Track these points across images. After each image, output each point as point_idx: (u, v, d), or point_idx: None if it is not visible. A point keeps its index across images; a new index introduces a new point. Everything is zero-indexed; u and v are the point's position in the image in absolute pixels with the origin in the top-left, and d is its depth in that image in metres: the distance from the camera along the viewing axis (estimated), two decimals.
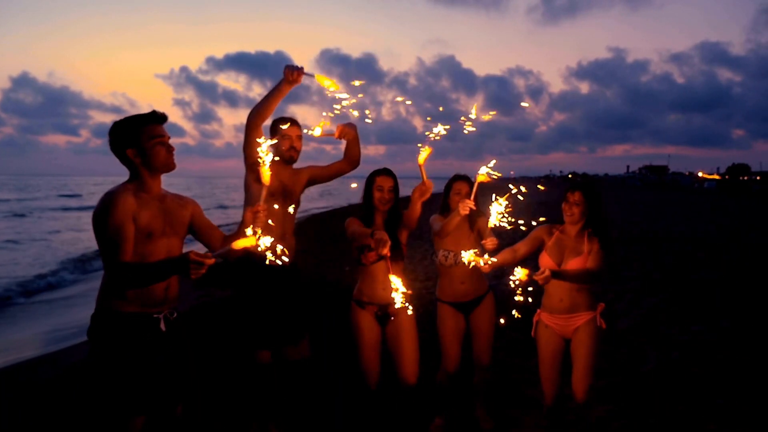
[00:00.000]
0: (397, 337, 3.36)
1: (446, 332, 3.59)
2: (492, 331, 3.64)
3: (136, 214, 2.36)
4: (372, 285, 3.34)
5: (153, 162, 2.41)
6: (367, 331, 3.35)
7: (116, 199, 2.33)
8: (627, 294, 7.71)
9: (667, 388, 4.37)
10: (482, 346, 3.64)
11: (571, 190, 3.20)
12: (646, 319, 6.43)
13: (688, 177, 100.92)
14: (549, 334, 3.22)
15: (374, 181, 3.35)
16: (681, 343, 5.49)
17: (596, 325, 3.16)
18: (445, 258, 3.54)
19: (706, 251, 11.55)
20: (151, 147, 2.40)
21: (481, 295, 3.62)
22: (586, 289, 3.18)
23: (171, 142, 2.47)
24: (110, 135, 2.43)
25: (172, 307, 2.53)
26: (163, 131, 2.45)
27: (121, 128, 2.42)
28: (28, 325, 7.92)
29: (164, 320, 2.46)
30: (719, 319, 6.33)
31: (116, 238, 2.30)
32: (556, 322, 3.21)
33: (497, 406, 4.03)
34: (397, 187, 3.37)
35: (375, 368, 3.39)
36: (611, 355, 5.17)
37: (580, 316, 3.16)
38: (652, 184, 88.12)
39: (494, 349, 3.83)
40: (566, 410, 3.52)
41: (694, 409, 3.97)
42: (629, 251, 11.77)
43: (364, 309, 3.37)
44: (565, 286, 3.13)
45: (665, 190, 63.69)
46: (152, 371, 2.40)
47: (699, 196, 43.63)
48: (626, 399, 4.19)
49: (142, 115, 2.44)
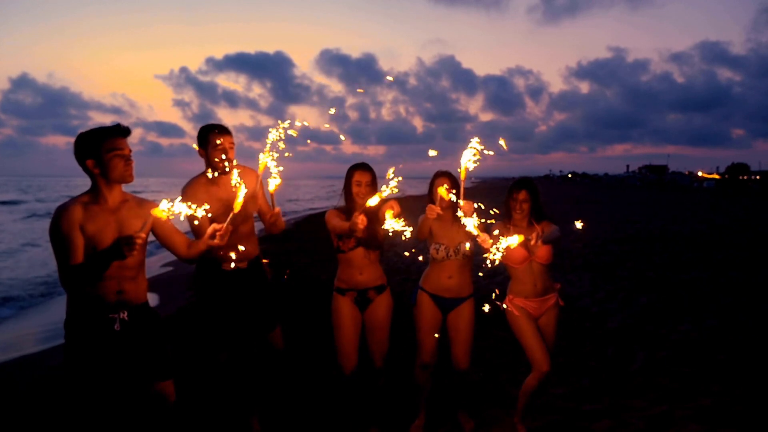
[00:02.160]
0: (371, 320, 3.55)
1: (423, 321, 3.60)
2: (470, 334, 3.63)
3: (83, 224, 2.54)
4: (350, 271, 3.51)
5: (110, 174, 2.57)
6: (346, 316, 3.51)
7: (64, 212, 2.54)
8: (619, 293, 7.72)
9: (653, 388, 4.37)
10: (460, 350, 3.62)
11: (516, 189, 3.50)
12: (637, 318, 6.44)
13: (688, 176, 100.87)
14: (526, 314, 3.51)
15: (353, 176, 3.47)
16: (669, 342, 5.50)
17: (558, 305, 3.60)
18: (436, 251, 3.55)
19: (700, 250, 11.56)
20: (109, 159, 2.55)
21: (464, 297, 3.62)
22: (550, 272, 3.56)
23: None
24: (74, 145, 2.58)
25: (129, 309, 2.67)
26: (123, 144, 2.58)
27: (84, 139, 2.57)
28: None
29: (119, 321, 2.64)
30: (707, 318, 6.34)
31: (66, 245, 2.51)
32: (531, 305, 3.52)
33: (480, 406, 4.04)
34: (375, 182, 3.46)
35: (352, 353, 3.52)
36: (599, 354, 5.18)
37: (550, 298, 3.56)
38: (652, 183, 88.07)
39: (481, 350, 3.84)
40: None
41: (679, 409, 3.97)
42: (624, 250, 11.77)
43: (344, 295, 3.54)
44: (537, 270, 3.49)
45: (664, 189, 63.70)
46: (111, 364, 2.61)
47: (698, 196, 43.63)
48: (612, 398, 4.20)
49: (105, 127, 2.58)
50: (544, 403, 4.11)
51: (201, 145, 3.33)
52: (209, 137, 3.28)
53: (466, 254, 3.54)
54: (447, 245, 3.53)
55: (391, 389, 4.12)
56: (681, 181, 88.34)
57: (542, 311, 3.55)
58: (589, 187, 75.91)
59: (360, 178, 3.45)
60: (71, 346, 2.61)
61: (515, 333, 3.54)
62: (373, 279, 3.54)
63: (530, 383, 3.53)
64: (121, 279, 2.61)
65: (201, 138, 3.33)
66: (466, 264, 3.61)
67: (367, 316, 3.57)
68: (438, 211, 3.21)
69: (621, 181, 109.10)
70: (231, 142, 3.33)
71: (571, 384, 4.51)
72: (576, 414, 3.98)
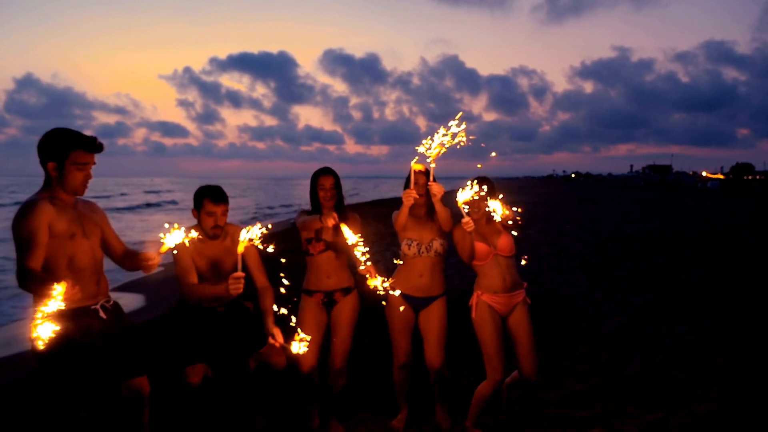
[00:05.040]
0: (336, 320, 3.63)
1: (394, 322, 3.61)
2: (443, 332, 3.61)
3: (54, 220, 2.52)
4: (318, 274, 3.60)
5: (66, 183, 2.57)
6: (311, 316, 3.59)
7: (35, 207, 2.49)
8: (616, 293, 7.54)
9: (648, 393, 4.19)
10: (432, 348, 3.59)
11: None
12: (633, 319, 6.25)
13: (692, 176, 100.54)
14: (492, 313, 3.40)
15: (317, 181, 3.58)
16: (666, 345, 5.32)
17: (526, 302, 3.49)
18: (408, 246, 3.55)
19: (699, 250, 11.35)
20: (70, 171, 2.55)
21: (435, 295, 3.60)
22: (516, 267, 3.50)
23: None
24: (43, 139, 2.56)
25: (108, 298, 2.78)
26: (89, 159, 2.59)
27: (53, 140, 2.55)
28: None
29: (102, 309, 2.71)
30: (706, 319, 6.15)
31: (29, 243, 2.46)
32: (499, 301, 3.41)
33: (458, 405, 3.90)
34: (338, 185, 3.58)
35: (313, 351, 3.52)
36: (593, 358, 5.01)
37: (518, 294, 3.46)
38: (655, 183, 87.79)
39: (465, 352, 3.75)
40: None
41: (675, 416, 3.79)
42: (622, 250, 11.59)
43: (311, 297, 3.63)
44: (505, 265, 3.42)
45: (667, 189, 63.45)
46: (97, 356, 2.61)
47: (701, 196, 43.39)
48: (605, 404, 4.03)
49: (79, 136, 2.56)
50: (533, 409, 3.95)
51: (196, 206, 3.36)
52: (204, 202, 3.32)
53: (438, 252, 3.54)
54: (419, 241, 3.53)
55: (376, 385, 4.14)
56: (685, 181, 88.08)
57: (510, 308, 3.44)
58: (592, 187, 75.74)
59: (324, 182, 3.55)
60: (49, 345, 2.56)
61: (477, 334, 3.43)
62: (341, 282, 3.62)
63: (484, 391, 3.44)
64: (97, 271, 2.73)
65: (196, 200, 3.35)
66: (438, 262, 3.58)
67: (333, 316, 3.65)
68: (414, 195, 3.29)
69: (624, 181, 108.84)
70: (225, 211, 3.35)
71: (563, 389, 4.34)
72: (567, 421, 3.80)
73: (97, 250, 2.71)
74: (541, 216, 21.03)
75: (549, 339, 5.45)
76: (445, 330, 3.62)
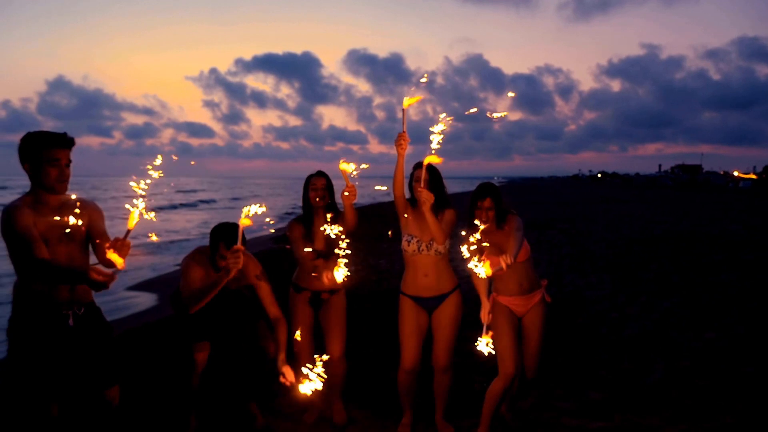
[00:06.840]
0: (326, 317, 3.74)
1: (404, 326, 3.50)
2: (453, 331, 3.49)
3: (35, 222, 2.53)
4: (309, 276, 3.70)
5: (42, 181, 2.57)
6: (299, 311, 3.74)
7: (15, 211, 2.52)
8: (641, 296, 7.25)
9: (671, 404, 3.95)
10: (440, 347, 3.48)
11: (480, 198, 3.36)
12: (658, 324, 5.98)
13: (723, 176, 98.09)
14: (508, 313, 3.41)
15: (309, 182, 3.71)
16: (692, 351, 5.05)
17: (545, 301, 3.47)
18: (408, 243, 3.43)
19: (729, 252, 10.93)
20: (44, 168, 2.55)
21: (446, 292, 3.46)
22: (533, 268, 3.47)
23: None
24: (19, 144, 2.59)
25: (81, 305, 2.71)
26: (61, 155, 2.57)
27: (27, 142, 2.57)
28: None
29: (72, 316, 2.67)
30: (734, 324, 5.85)
31: (26, 239, 2.47)
32: (516, 303, 3.41)
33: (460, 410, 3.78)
34: (329, 186, 3.70)
35: (305, 346, 3.70)
36: (614, 364, 4.78)
37: (536, 294, 3.44)
38: (684, 183, 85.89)
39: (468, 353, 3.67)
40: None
41: (699, 429, 3.56)
42: (648, 251, 11.24)
43: (299, 293, 3.76)
44: (520, 269, 3.36)
45: (697, 189, 61.99)
46: (63, 361, 2.62)
47: (732, 196, 42.27)
48: (624, 415, 3.80)
49: (49, 134, 2.57)
50: (548, 418, 3.76)
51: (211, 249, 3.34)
52: (217, 246, 3.27)
53: (438, 251, 3.39)
54: (419, 238, 3.41)
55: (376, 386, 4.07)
56: (715, 181, 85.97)
57: (527, 309, 3.44)
58: (619, 187, 74.41)
59: (315, 183, 3.67)
60: (19, 346, 2.60)
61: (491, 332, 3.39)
62: (328, 285, 3.59)
63: (496, 388, 3.34)
64: None
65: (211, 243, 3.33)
66: (441, 259, 3.44)
67: (321, 315, 3.77)
68: (406, 138, 3.17)
69: (652, 180, 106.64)
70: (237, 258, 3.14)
71: (580, 398, 4.12)
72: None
73: (76, 256, 2.66)
74: (563, 216, 20.69)
75: (568, 343, 5.24)
76: (457, 328, 3.52)
